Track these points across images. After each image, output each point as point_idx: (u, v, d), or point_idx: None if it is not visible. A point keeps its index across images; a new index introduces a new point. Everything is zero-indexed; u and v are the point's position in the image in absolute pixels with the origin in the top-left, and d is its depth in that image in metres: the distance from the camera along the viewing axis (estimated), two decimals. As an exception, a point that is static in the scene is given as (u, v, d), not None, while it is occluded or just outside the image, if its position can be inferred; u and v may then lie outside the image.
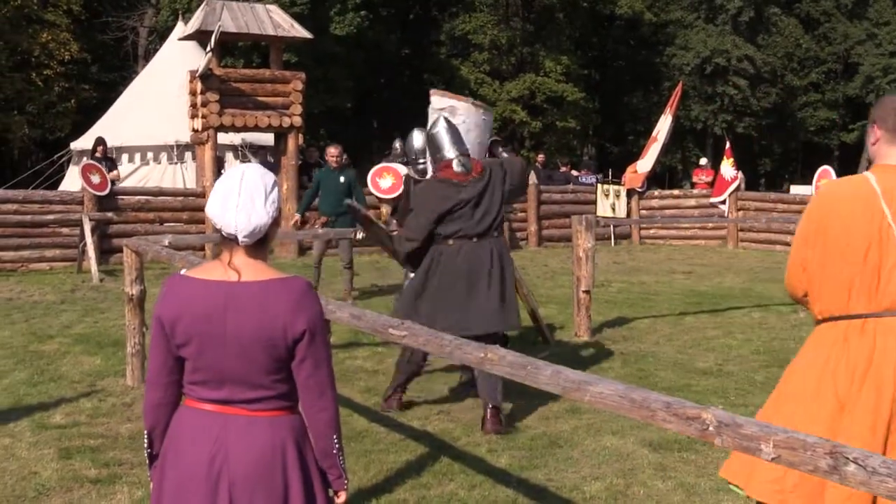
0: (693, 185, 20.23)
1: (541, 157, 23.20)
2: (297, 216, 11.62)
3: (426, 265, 6.04)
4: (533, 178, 19.50)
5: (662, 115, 19.48)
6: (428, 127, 6.43)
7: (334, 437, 2.61)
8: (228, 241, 2.51)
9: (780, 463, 2.29)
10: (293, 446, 2.54)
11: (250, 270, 2.50)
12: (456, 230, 5.96)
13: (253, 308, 2.46)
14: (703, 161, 21.80)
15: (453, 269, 5.91)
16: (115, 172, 15.07)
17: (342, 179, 10.84)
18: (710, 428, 2.44)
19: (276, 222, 2.55)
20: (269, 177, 2.55)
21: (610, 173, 20.56)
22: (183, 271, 2.61)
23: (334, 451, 2.63)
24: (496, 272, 5.95)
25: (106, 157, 15.56)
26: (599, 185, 18.95)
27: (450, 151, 6.08)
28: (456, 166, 6.03)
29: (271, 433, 2.52)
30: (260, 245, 2.54)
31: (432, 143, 6.25)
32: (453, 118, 6.40)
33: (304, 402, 2.58)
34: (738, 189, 18.77)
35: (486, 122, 6.90)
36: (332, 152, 11.30)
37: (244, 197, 2.47)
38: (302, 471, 2.55)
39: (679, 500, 4.77)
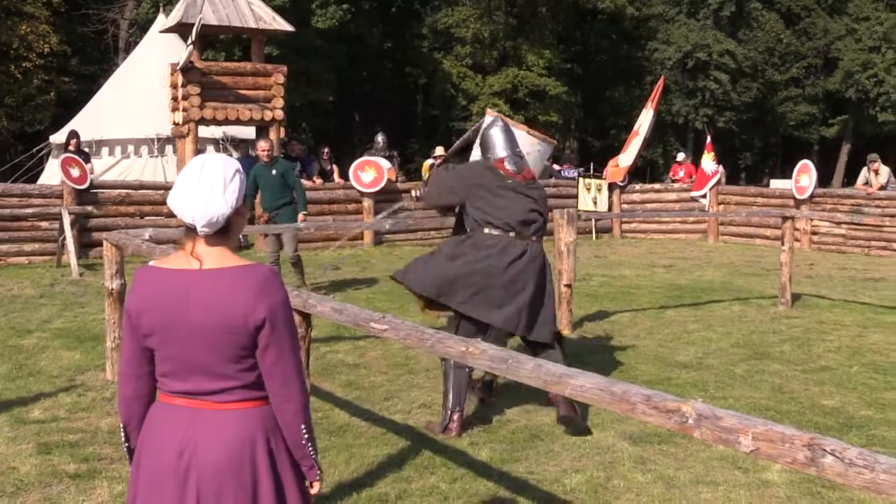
0: (673, 182, 20.30)
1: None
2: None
3: (460, 250, 5.82)
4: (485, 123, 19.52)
5: (644, 110, 19.50)
6: (483, 125, 6.23)
7: (302, 427, 2.56)
8: (190, 231, 2.50)
9: (759, 456, 2.30)
10: (263, 440, 2.51)
11: (212, 259, 2.48)
12: (497, 218, 5.76)
13: (214, 296, 2.43)
14: (681, 156, 21.85)
15: (495, 264, 5.68)
16: (89, 166, 14.96)
17: (274, 173, 10.58)
18: (690, 421, 2.45)
19: (238, 212, 2.52)
20: (231, 166, 2.52)
21: (591, 167, 20.57)
22: (151, 262, 2.59)
23: (303, 442, 2.58)
24: (535, 276, 5.75)
25: (79, 150, 15.45)
26: (581, 179, 18.98)
27: (503, 151, 5.96)
28: (507, 164, 5.90)
29: (240, 427, 2.49)
30: (222, 235, 2.51)
31: (485, 141, 6.08)
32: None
33: (270, 392, 2.53)
34: (718, 183, 18.85)
35: (541, 154, 6.61)
36: (263, 146, 10.87)
37: (203, 186, 2.44)
38: (272, 465, 2.52)
39: (659, 493, 4.79)
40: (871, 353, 8.23)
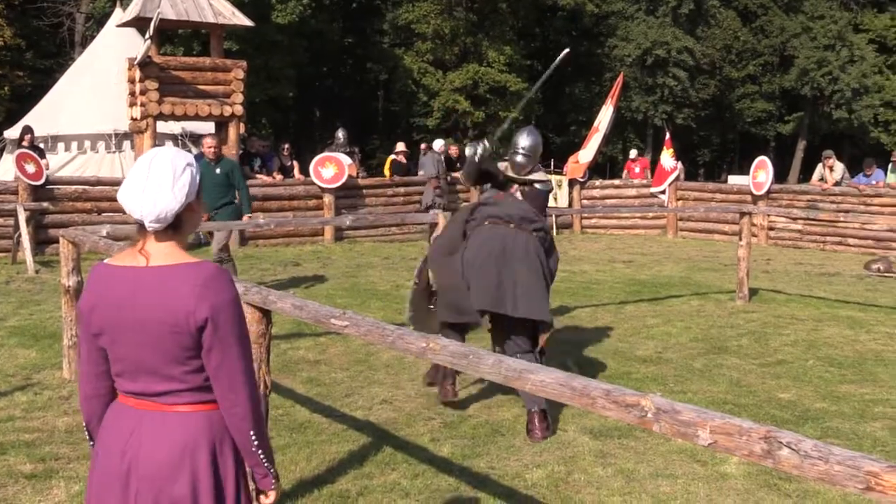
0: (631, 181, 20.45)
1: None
2: None
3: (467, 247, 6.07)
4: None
5: (604, 106, 19.62)
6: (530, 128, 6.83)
7: (251, 433, 2.46)
8: (141, 228, 2.43)
9: (717, 449, 2.32)
10: (206, 446, 2.42)
11: (160, 255, 2.41)
12: (494, 212, 6.13)
13: (158, 294, 2.36)
14: (633, 153, 21.99)
15: (485, 246, 5.94)
16: (44, 161, 14.74)
17: (218, 171, 10.18)
18: (649, 415, 2.47)
19: (190, 207, 2.44)
20: (181, 160, 2.43)
21: (552, 163, 20.66)
22: (106, 260, 2.54)
23: (253, 449, 2.48)
24: (526, 259, 5.93)
25: (34, 146, 15.21)
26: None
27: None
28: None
29: (183, 431, 2.40)
30: (173, 230, 2.43)
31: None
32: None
33: (218, 396, 2.43)
34: (677, 179, 19.02)
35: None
36: (210, 143, 10.47)
37: (151, 181, 2.37)
38: (214, 473, 2.42)
39: (619, 486, 4.83)
40: (826, 346, 8.36)
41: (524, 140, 6.79)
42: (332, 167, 16.34)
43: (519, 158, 6.72)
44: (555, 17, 40.52)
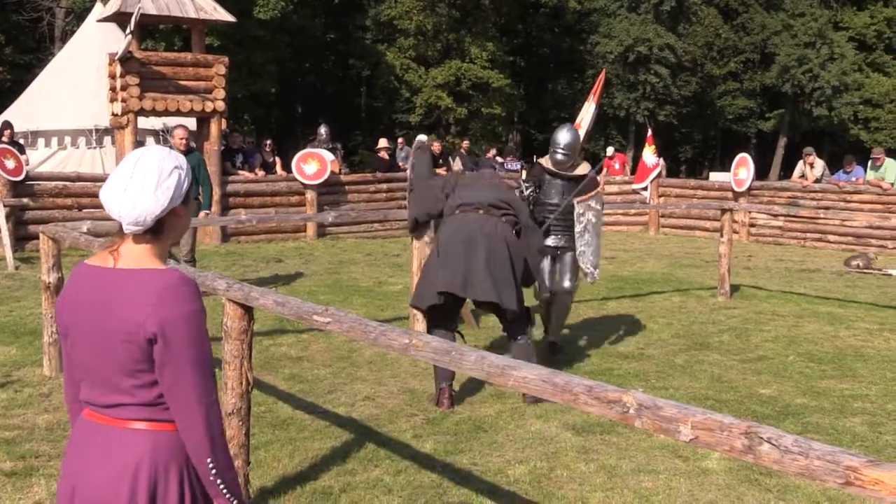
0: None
1: (466, 143, 23.24)
2: None
3: (440, 233, 6.38)
4: (458, 164, 19.53)
5: (586, 103, 19.60)
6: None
7: (208, 461, 2.25)
8: (121, 228, 2.30)
9: (698, 444, 2.33)
10: (148, 468, 2.24)
11: (130, 258, 2.28)
12: (465, 199, 6.31)
13: (116, 299, 2.22)
14: (610, 150, 22.00)
15: (457, 234, 6.14)
16: (24, 157, 14.63)
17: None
18: (631, 410, 2.48)
19: (174, 212, 2.31)
20: (169, 162, 2.29)
21: (534, 159, 20.63)
22: (87, 259, 2.45)
23: (211, 478, 2.27)
24: (494, 244, 6.07)
25: (13, 141, 15.09)
26: (524, 172, 19.05)
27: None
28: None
29: (124, 452, 2.24)
30: (152, 235, 2.30)
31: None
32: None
33: (174, 417, 2.25)
34: (659, 176, 19.07)
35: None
36: (180, 134, 10.32)
37: (135, 181, 2.24)
38: (150, 499, 2.23)
39: (601, 482, 4.85)
40: (807, 342, 8.41)
41: (563, 137, 7.40)
42: (314, 163, 16.30)
43: (559, 156, 7.27)
44: (537, 13, 40.56)
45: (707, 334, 8.70)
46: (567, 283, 7.63)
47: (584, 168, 7.53)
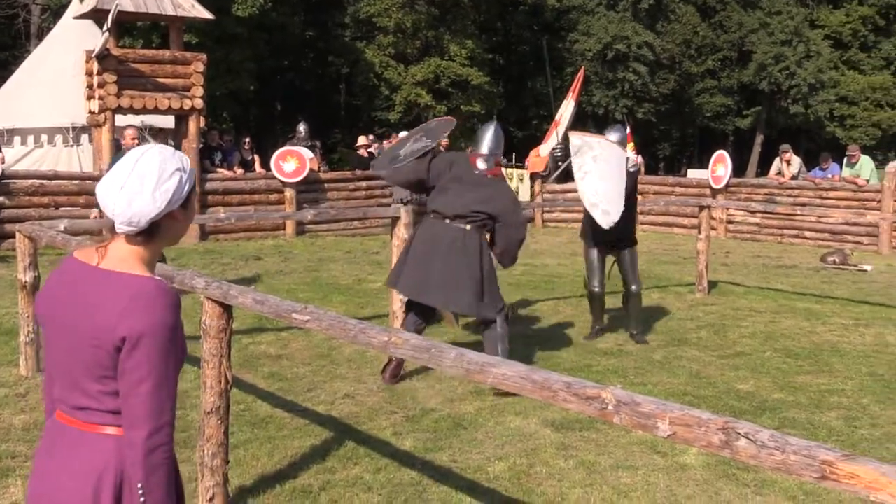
0: None
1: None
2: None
3: (413, 233, 6.97)
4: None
5: (565, 100, 19.69)
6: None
7: (139, 486, 2.13)
8: (113, 226, 2.23)
9: (676, 440, 2.34)
10: (113, 475, 2.17)
11: (115, 259, 2.21)
12: (438, 206, 6.70)
13: (92, 299, 2.16)
14: None
15: (424, 238, 6.67)
16: (0, 155, 14.51)
17: None
18: (610, 407, 2.49)
19: (171, 215, 2.23)
20: (172, 163, 2.22)
21: (513, 157, 20.70)
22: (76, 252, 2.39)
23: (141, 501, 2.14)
24: (453, 254, 6.52)
25: (-9, 140, 14.97)
26: (503, 169, 19.07)
27: (484, 148, 6.98)
28: (480, 163, 6.93)
29: (91, 456, 2.18)
30: (145, 237, 2.23)
31: (478, 134, 7.17)
32: (590, 151, 7.67)
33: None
34: (638, 173, 19.12)
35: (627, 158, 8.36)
36: (131, 133, 10.14)
37: (133, 179, 2.18)
38: None
39: (580, 478, 4.86)
40: (784, 338, 8.47)
41: (612, 137, 8.23)
42: (293, 161, 16.25)
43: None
44: (517, 11, 40.61)
45: (685, 330, 8.74)
46: (635, 286, 8.39)
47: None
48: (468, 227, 6.61)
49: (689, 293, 10.77)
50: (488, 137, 7.04)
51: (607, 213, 7.48)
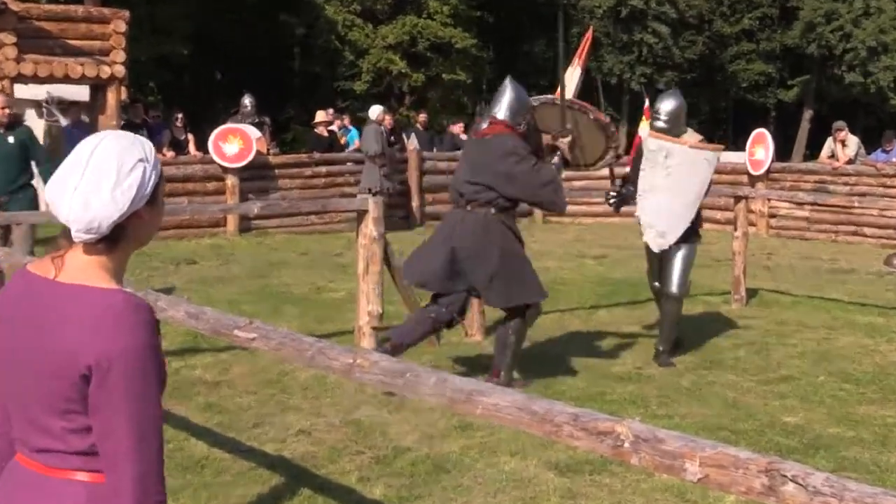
0: None
1: (422, 116, 23.21)
2: None
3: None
4: (413, 143, 19.52)
5: (570, 67, 19.71)
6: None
7: None
8: (67, 232, 2.18)
9: (709, 485, 2.33)
10: None
11: (74, 270, 2.18)
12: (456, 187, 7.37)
13: (49, 319, 2.14)
14: None
15: (439, 229, 7.45)
16: None
17: (11, 141, 9.51)
18: (626, 444, 2.47)
19: (137, 215, 2.21)
20: (133, 154, 2.20)
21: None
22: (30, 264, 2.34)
23: None
24: (461, 243, 7.07)
25: None
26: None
27: (500, 114, 7.27)
28: (483, 124, 7.43)
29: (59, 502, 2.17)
30: (106, 245, 2.20)
31: (494, 98, 7.54)
32: (664, 161, 8.05)
33: (104, 473, 2.17)
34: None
35: (709, 162, 8.62)
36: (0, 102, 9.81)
37: (88, 177, 2.14)
38: None
39: (591, 532, 4.85)
40: (841, 359, 8.49)
41: (666, 104, 8.32)
42: (236, 142, 16.22)
43: (659, 124, 8.13)
44: (509, -42, 40.70)
45: (719, 350, 8.75)
46: (674, 289, 8.33)
47: (691, 137, 8.41)
48: (484, 207, 7.12)
49: (723, 303, 10.79)
50: (504, 101, 7.26)
51: (662, 236, 7.64)
